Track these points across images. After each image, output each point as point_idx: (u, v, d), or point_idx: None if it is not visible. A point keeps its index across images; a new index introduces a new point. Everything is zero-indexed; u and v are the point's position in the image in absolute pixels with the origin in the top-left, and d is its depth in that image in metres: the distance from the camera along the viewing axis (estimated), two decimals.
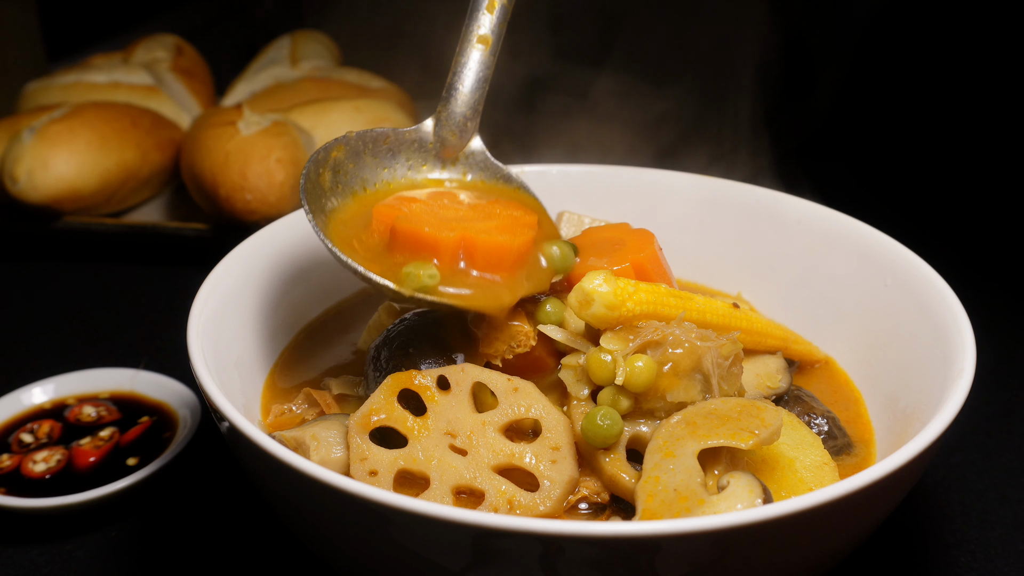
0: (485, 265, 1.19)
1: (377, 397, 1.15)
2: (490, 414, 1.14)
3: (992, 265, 2.08)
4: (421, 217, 1.21)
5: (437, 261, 1.18)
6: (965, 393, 1.08)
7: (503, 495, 1.09)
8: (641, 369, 1.10)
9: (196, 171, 2.07)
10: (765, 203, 1.56)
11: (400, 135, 1.35)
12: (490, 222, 1.23)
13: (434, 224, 1.20)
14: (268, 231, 1.46)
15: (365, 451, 1.13)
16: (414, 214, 1.22)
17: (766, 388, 1.28)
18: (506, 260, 1.20)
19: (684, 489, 1.03)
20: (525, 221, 1.26)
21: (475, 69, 1.35)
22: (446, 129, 1.35)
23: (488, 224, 1.22)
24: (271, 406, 1.31)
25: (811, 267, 1.49)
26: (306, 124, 2.20)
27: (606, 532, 0.88)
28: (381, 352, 1.25)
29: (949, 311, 1.24)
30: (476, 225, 1.21)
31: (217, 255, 1.38)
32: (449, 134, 1.35)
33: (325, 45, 2.71)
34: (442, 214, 1.24)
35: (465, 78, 1.35)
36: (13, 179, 2.02)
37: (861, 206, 1.54)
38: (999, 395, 1.65)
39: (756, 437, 1.06)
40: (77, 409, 1.54)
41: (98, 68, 2.46)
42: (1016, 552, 1.33)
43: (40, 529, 1.37)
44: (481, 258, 1.19)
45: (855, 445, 1.27)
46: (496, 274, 1.19)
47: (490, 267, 1.19)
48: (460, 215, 1.25)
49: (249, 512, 1.37)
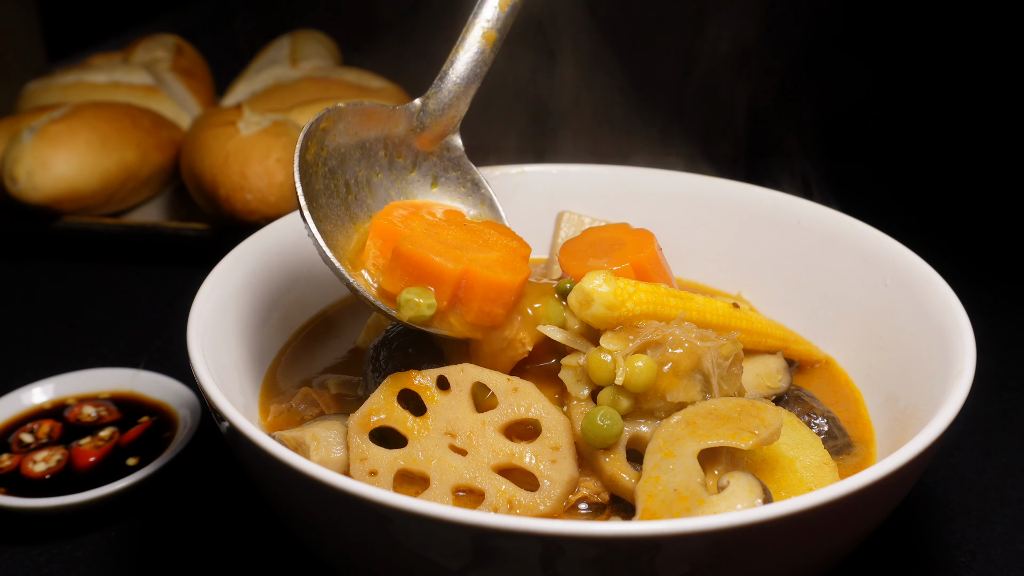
0: (483, 300, 1.15)
1: (377, 397, 1.15)
2: (490, 414, 1.14)
3: (992, 265, 2.08)
4: (425, 242, 1.17)
5: (434, 288, 1.14)
6: (965, 393, 1.08)
7: (503, 495, 1.09)
8: (641, 369, 1.10)
9: (196, 171, 2.07)
10: (765, 203, 1.56)
11: (387, 113, 1.32)
12: (491, 253, 1.20)
13: (440, 252, 1.15)
14: (268, 231, 1.46)
15: (365, 451, 1.13)
16: (417, 237, 1.18)
17: (766, 388, 1.28)
18: (504, 297, 1.17)
19: (684, 489, 1.03)
20: (521, 253, 1.23)
21: (473, 63, 1.33)
22: (430, 116, 1.34)
23: (490, 256, 1.19)
24: (270, 406, 1.31)
25: (811, 267, 1.49)
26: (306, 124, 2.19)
27: (606, 532, 0.88)
28: (380, 352, 1.24)
29: (949, 311, 1.24)
30: (478, 257, 1.17)
31: (217, 255, 1.38)
32: (432, 121, 1.33)
33: (325, 45, 2.71)
34: (443, 238, 1.20)
35: (460, 70, 1.33)
36: (13, 179, 2.02)
37: (861, 206, 1.54)
38: (999, 395, 1.65)
39: (756, 437, 1.06)
40: (77, 409, 1.54)
41: (98, 68, 2.46)
42: (1016, 552, 1.34)
43: (40, 529, 1.37)
44: (480, 293, 1.15)
45: (855, 445, 1.27)
46: (490, 309, 1.16)
47: (487, 302, 1.15)
48: (460, 241, 1.21)
49: (249, 512, 1.37)
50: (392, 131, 1.33)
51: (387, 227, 1.21)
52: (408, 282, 1.15)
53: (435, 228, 1.22)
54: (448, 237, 1.21)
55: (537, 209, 1.63)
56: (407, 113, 1.34)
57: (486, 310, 1.15)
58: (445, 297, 1.14)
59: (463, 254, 1.17)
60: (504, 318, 1.17)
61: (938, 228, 2.21)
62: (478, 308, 1.15)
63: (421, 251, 1.15)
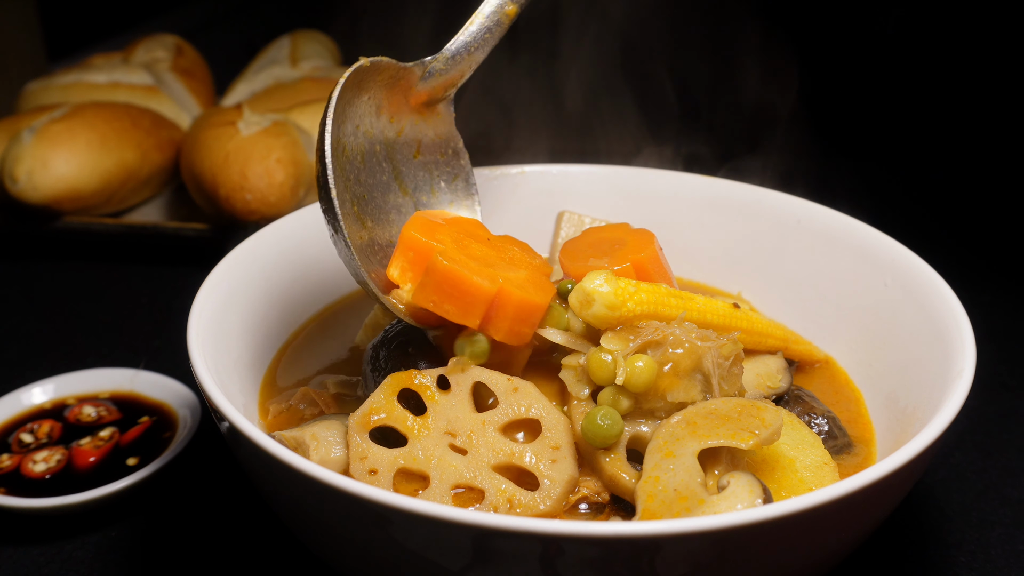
0: (514, 320, 1.15)
1: (377, 396, 1.15)
2: (490, 413, 1.14)
3: (992, 265, 2.08)
4: (459, 258, 1.16)
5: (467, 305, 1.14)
6: (965, 393, 1.08)
7: (503, 494, 1.09)
8: (641, 369, 1.10)
9: (196, 171, 2.07)
10: (765, 203, 1.56)
11: (397, 69, 1.30)
12: (520, 272, 1.19)
13: (476, 270, 1.14)
14: (268, 231, 1.46)
15: (365, 450, 1.13)
16: (451, 253, 1.17)
17: (766, 388, 1.28)
18: (534, 317, 1.17)
19: (684, 489, 1.03)
20: (545, 272, 1.24)
21: (486, 30, 1.32)
22: (435, 75, 1.32)
23: (520, 275, 1.18)
24: (270, 405, 1.31)
25: (811, 267, 1.49)
26: (306, 124, 2.20)
27: (606, 532, 0.88)
28: (380, 352, 1.24)
29: (949, 311, 1.24)
30: (510, 276, 1.17)
31: (217, 255, 1.38)
32: (434, 80, 1.32)
33: (325, 45, 2.71)
34: (474, 254, 1.19)
35: (473, 31, 1.32)
36: (13, 179, 2.02)
37: (861, 206, 1.54)
38: (999, 395, 1.65)
39: (756, 437, 1.06)
40: (77, 409, 1.54)
41: (98, 68, 2.46)
42: (1016, 552, 1.34)
43: (40, 529, 1.37)
44: (512, 313, 1.14)
45: (855, 445, 1.27)
46: (520, 329, 1.16)
47: (518, 322, 1.15)
48: (489, 257, 1.20)
49: (249, 512, 1.37)
50: (393, 89, 1.31)
51: (418, 242, 1.19)
52: (440, 298, 1.14)
53: (464, 243, 1.21)
54: (477, 253, 1.20)
55: (537, 209, 1.63)
56: (419, 68, 1.32)
57: (516, 329, 1.15)
58: (479, 316, 1.14)
59: (496, 272, 1.16)
60: (531, 336, 1.18)
61: (938, 228, 2.21)
62: (508, 327, 1.15)
63: (457, 269, 1.14)
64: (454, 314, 1.14)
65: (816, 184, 1.71)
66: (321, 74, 2.49)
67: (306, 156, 2.12)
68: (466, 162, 1.41)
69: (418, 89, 1.33)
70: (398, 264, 1.20)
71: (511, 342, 1.16)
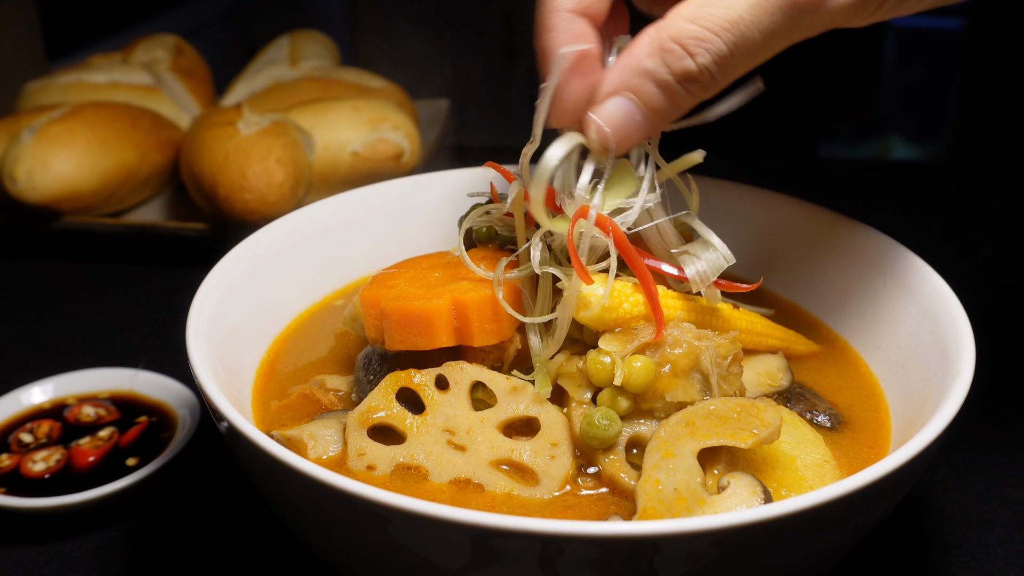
0: (480, 319, 1.15)
1: (376, 395, 1.15)
2: (488, 412, 1.14)
3: (992, 265, 2.08)
4: (407, 292, 1.18)
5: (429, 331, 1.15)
6: (965, 393, 1.08)
7: (501, 489, 1.10)
8: (639, 370, 1.10)
9: (196, 171, 2.07)
10: (765, 203, 1.56)
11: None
12: (469, 280, 1.20)
13: (420, 296, 1.16)
14: (268, 231, 1.46)
15: (363, 447, 1.13)
16: (399, 292, 1.18)
17: (767, 386, 1.27)
18: (496, 311, 1.16)
19: (684, 489, 1.03)
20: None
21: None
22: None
23: (466, 283, 1.19)
24: (269, 405, 1.31)
25: (811, 267, 1.49)
26: (306, 124, 2.20)
27: (606, 532, 0.88)
28: (373, 357, 1.24)
29: (949, 311, 1.24)
30: (458, 287, 1.18)
31: (217, 255, 1.37)
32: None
33: (325, 45, 2.71)
34: (428, 282, 1.21)
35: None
36: (13, 179, 2.02)
37: (860, 206, 1.54)
38: (999, 395, 1.65)
39: (756, 436, 1.06)
40: (76, 409, 1.54)
41: (98, 68, 2.46)
42: (1016, 552, 1.33)
43: (40, 529, 1.37)
44: (475, 312, 1.15)
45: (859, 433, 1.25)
46: (491, 326, 1.16)
47: (486, 320, 1.16)
48: (444, 278, 1.21)
49: (249, 512, 1.37)
50: None
51: (370, 298, 1.20)
52: (404, 334, 1.16)
53: (422, 276, 1.23)
54: (431, 280, 1.22)
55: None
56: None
57: (488, 328, 1.16)
58: (446, 334, 1.15)
59: (443, 289, 1.17)
60: (512, 328, 1.18)
61: (939, 229, 2.21)
62: (478, 328, 1.15)
63: (402, 303, 1.16)
64: (425, 343, 1.16)
65: (816, 184, 1.71)
66: (320, 74, 2.49)
67: (305, 156, 2.12)
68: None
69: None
70: (369, 326, 1.21)
71: (492, 341, 1.17)
